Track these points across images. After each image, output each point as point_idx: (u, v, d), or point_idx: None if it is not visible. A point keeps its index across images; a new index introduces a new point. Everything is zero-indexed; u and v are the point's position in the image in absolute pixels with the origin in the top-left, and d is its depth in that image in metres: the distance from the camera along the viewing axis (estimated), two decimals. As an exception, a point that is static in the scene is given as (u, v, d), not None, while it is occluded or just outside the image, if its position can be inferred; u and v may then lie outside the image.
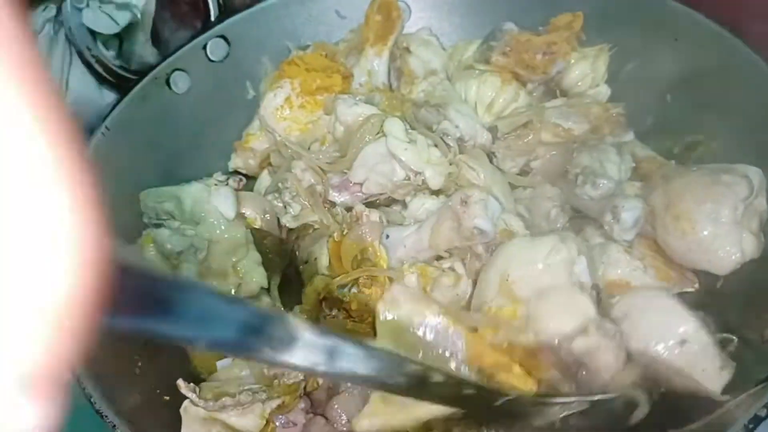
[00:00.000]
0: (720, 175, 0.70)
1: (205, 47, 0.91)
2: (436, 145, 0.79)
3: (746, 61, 0.76)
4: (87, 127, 1.10)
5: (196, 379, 0.75)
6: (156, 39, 0.99)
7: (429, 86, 0.89)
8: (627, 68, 0.88)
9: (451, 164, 0.79)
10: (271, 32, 0.93)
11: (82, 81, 0.90)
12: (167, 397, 0.72)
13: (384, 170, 0.78)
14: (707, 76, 0.80)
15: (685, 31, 0.82)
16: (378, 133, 0.79)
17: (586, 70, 0.87)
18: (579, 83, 0.87)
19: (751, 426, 0.55)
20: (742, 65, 0.77)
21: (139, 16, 0.88)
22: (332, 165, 0.83)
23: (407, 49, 0.94)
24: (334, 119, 0.85)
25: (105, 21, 0.86)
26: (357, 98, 0.86)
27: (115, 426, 0.62)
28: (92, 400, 0.63)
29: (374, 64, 0.92)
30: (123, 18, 0.87)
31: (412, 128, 0.81)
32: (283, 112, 0.89)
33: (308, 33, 0.96)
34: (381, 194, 0.80)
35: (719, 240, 0.68)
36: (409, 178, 0.78)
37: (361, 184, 0.78)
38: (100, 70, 0.87)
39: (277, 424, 0.73)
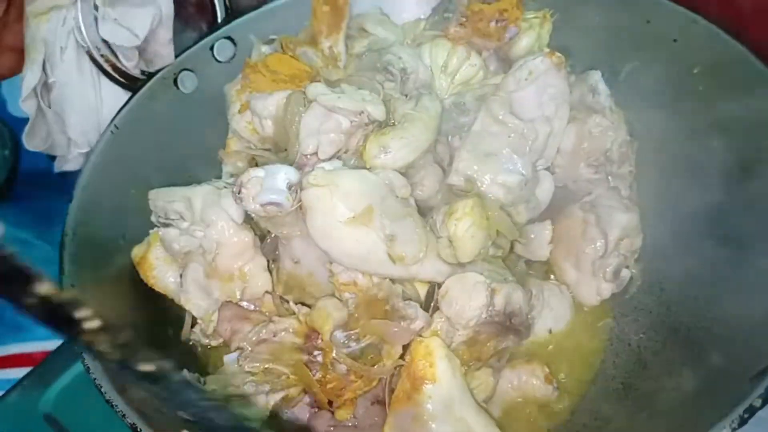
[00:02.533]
0: (589, 227, 0.82)
1: (212, 48, 0.92)
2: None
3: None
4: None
5: (203, 373, 0.76)
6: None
7: (372, 40, 0.92)
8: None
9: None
10: (277, 33, 0.95)
11: (114, 93, 0.92)
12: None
13: (330, 127, 0.78)
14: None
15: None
16: (304, 104, 0.80)
17: (532, 41, 0.90)
18: (528, 52, 0.90)
19: (746, 416, 0.56)
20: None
21: (161, 17, 0.89)
22: (286, 153, 0.83)
23: (363, 30, 0.95)
24: (257, 120, 0.86)
25: (124, 34, 0.87)
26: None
27: (125, 416, 0.63)
28: (102, 390, 0.64)
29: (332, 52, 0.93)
30: (142, 28, 0.88)
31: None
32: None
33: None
34: (338, 150, 0.80)
35: (580, 285, 0.84)
36: (354, 122, 0.79)
37: (315, 153, 0.79)
38: (109, 69, 0.89)
39: (284, 418, 0.75)
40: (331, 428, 0.72)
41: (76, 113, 0.91)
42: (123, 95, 0.91)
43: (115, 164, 0.84)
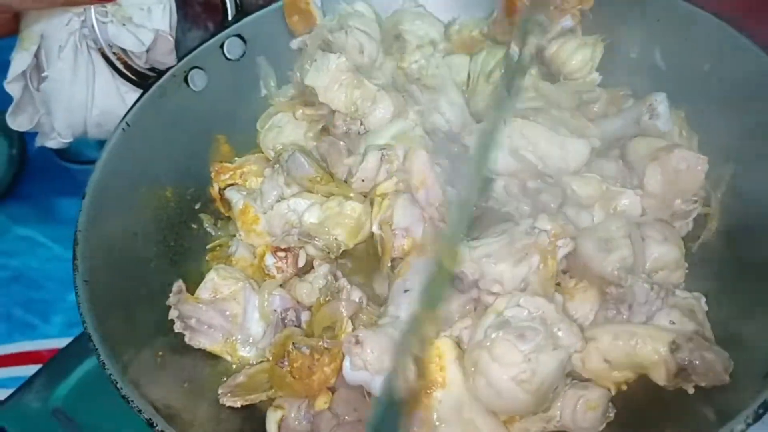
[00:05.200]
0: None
1: (222, 46, 0.92)
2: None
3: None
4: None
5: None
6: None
7: (422, 59, 0.91)
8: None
9: None
10: (287, 31, 0.95)
11: (106, 93, 0.92)
12: (186, 385, 0.75)
13: None
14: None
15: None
16: None
17: (587, 57, 0.89)
18: (580, 69, 0.89)
19: (761, 411, 0.56)
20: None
21: (166, 29, 0.89)
22: None
23: (398, 37, 0.94)
24: None
25: (131, 39, 0.88)
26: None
27: (140, 411, 0.63)
28: (118, 386, 0.64)
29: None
30: (147, 37, 0.88)
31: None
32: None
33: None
34: None
35: None
36: None
37: None
38: (121, 67, 0.89)
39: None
40: (335, 426, 0.72)
41: (63, 110, 0.90)
42: (115, 95, 0.91)
43: (126, 161, 0.84)
